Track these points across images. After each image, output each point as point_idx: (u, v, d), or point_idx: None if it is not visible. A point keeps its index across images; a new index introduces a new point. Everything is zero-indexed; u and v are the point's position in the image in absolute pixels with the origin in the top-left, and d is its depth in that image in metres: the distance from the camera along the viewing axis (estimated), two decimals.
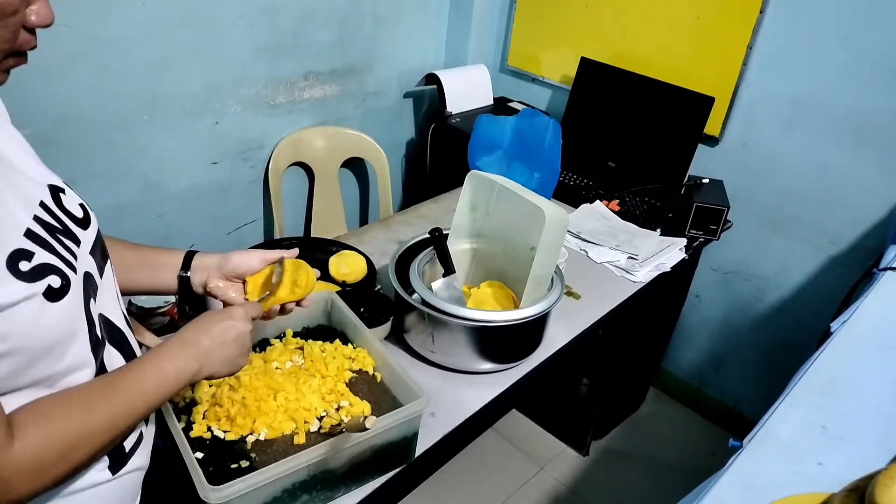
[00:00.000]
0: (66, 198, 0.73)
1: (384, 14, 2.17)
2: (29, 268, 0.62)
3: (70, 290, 0.66)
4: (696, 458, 2.19)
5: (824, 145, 1.82)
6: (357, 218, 2.51)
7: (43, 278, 0.63)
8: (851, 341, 1.12)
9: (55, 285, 0.64)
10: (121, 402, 0.69)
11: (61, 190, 0.73)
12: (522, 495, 2.02)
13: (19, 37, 0.61)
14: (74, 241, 0.70)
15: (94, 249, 0.75)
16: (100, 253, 0.77)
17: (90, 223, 0.76)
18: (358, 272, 1.41)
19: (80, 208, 0.75)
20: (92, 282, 0.73)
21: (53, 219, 0.69)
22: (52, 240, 0.66)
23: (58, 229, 0.69)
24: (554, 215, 1.20)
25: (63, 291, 0.65)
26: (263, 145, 2.05)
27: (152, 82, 1.71)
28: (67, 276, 0.66)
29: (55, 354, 0.65)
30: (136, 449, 0.77)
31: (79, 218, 0.74)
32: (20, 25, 0.60)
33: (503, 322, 1.18)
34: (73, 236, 0.71)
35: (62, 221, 0.70)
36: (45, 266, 0.64)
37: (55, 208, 0.70)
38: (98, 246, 0.76)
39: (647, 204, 1.91)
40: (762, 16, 1.81)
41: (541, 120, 1.87)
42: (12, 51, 0.61)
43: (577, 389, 2.06)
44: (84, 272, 0.70)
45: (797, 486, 0.80)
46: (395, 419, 0.92)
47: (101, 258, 0.77)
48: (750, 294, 2.12)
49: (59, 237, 0.68)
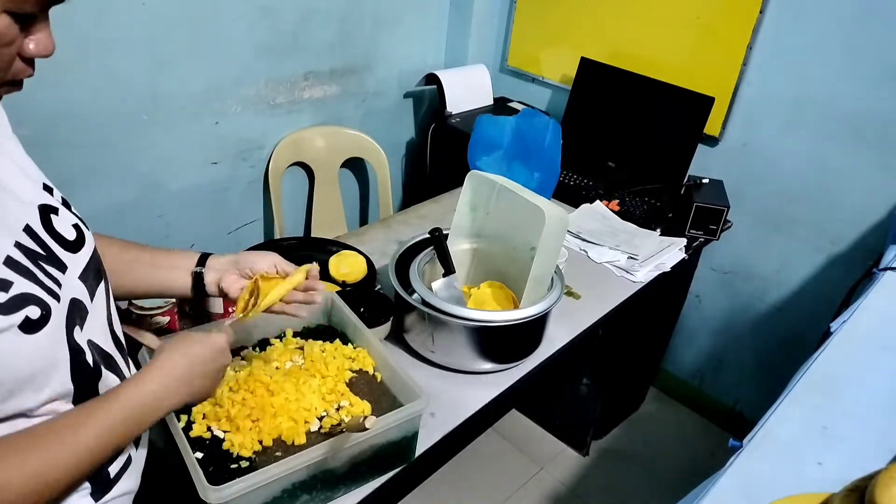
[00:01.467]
0: (57, 219, 0.70)
1: (384, 14, 2.17)
2: (6, 298, 0.59)
3: (50, 320, 0.63)
4: (696, 458, 2.19)
5: (824, 145, 1.82)
6: (357, 218, 2.51)
7: (20, 309, 0.60)
8: (851, 341, 1.12)
9: (33, 316, 0.61)
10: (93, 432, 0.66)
11: (54, 210, 0.70)
12: (522, 495, 2.02)
13: (13, 66, 0.59)
14: (59, 267, 0.67)
15: (87, 272, 0.72)
16: (93, 275, 0.74)
17: (83, 245, 0.73)
18: (358, 272, 1.41)
19: (72, 230, 0.72)
20: (80, 308, 0.70)
21: (38, 244, 0.66)
22: (34, 267, 0.63)
23: (41, 256, 0.65)
24: (554, 215, 1.20)
25: (42, 322, 0.62)
26: (263, 145, 2.05)
27: (152, 82, 1.71)
28: (48, 305, 0.63)
29: (34, 386, 0.63)
30: (123, 474, 0.76)
31: (69, 241, 0.70)
32: (15, 55, 0.58)
33: (503, 322, 1.18)
34: (58, 262, 0.67)
35: (47, 247, 0.67)
36: (24, 296, 0.61)
37: (42, 232, 0.67)
38: (92, 267, 0.74)
39: (647, 204, 1.91)
40: (762, 16, 1.81)
41: (541, 120, 1.87)
42: (5, 80, 0.59)
43: (577, 389, 2.06)
44: (70, 299, 0.68)
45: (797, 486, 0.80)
46: (395, 419, 0.92)
47: (93, 280, 0.74)
48: (750, 294, 2.12)
49: (41, 264, 0.65)
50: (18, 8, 0.55)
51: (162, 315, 1.13)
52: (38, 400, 0.64)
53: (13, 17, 0.56)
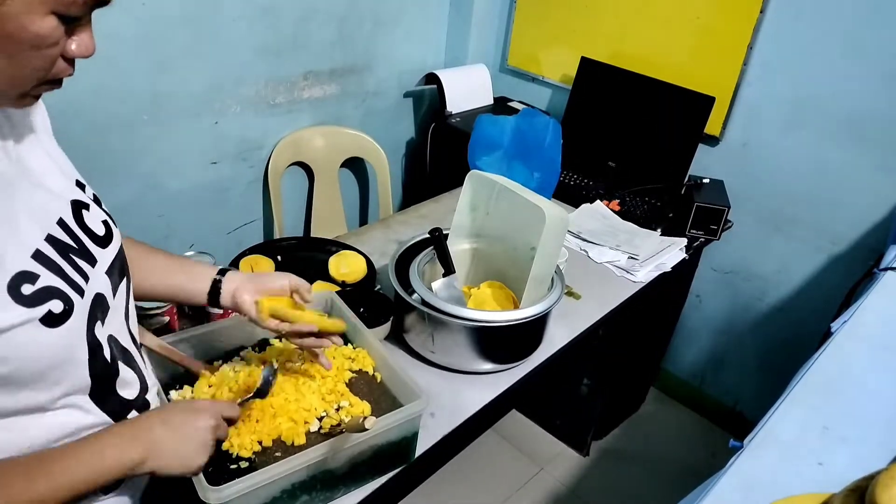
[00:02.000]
0: (88, 215, 0.72)
1: (384, 14, 2.17)
2: (31, 291, 0.61)
3: (72, 315, 0.64)
4: (696, 458, 2.19)
5: (825, 145, 1.82)
6: (357, 218, 2.51)
7: (44, 303, 0.61)
8: (852, 341, 1.12)
9: (56, 310, 0.62)
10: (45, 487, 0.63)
11: (85, 206, 0.72)
12: (522, 495, 2.02)
13: (56, 66, 0.60)
14: (90, 260, 0.69)
15: (112, 268, 0.74)
16: (118, 272, 0.75)
17: (111, 241, 0.74)
18: (358, 272, 1.41)
19: (102, 226, 0.74)
20: (102, 304, 0.71)
21: (71, 237, 0.68)
22: (62, 261, 0.65)
23: (73, 248, 0.68)
24: (554, 215, 1.20)
25: (64, 317, 0.63)
26: (263, 145, 2.05)
27: (152, 82, 1.71)
28: (72, 300, 0.65)
29: (50, 381, 0.64)
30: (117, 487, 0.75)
31: (99, 236, 0.72)
32: (58, 56, 0.59)
33: (503, 322, 1.18)
34: (89, 256, 0.70)
35: (80, 240, 0.69)
36: (49, 289, 0.62)
37: (74, 226, 0.69)
38: (117, 264, 0.75)
39: (648, 204, 1.91)
40: (762, 16, 1.81)
41: (541, 120, 1.87)
42: (46, 79, 0.60)
43: (577, 389, 2.06)
44: (95, 294, 0.69)
45: (797, 486, 0.80)
46: (395, 419, 0.92)
47: (118, 276, 0.75)
48: (750, 294, 2.11)
49: (72, 258, 0.67)
50: (65, 10, 0.57)
51: (162, 315, 1.13)
52: (52, 395, 0.65)
53: (59, 18, 0.57)
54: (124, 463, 0.68)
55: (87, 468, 0.66)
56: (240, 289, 0.94)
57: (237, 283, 0.94)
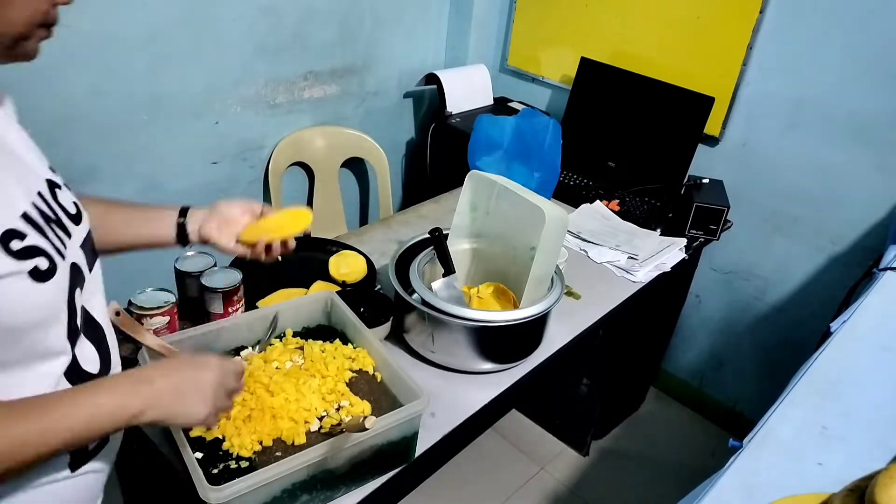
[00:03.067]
0: (61, 193, 0.76)
1: (384, 14, 2.17)
2: (20, 247, 0.64)
3: (56, 273, 0.68)
4: (696, 458, 2.19)
5: (824, 145, 1.82)
6: (357, 218, 2.51)
7: (31, 258, 0.65)
8: (851, 341, 1.12)
9: (42, 267, 0.66)
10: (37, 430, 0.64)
11: (58, 186, 0.76)
12: (522, 495, 2.02)
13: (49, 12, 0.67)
14: (66, 232, 0.74)
15: (85, 245, 0.78)
16: (90, 250, 0.79)
17: (82, 220, 0.78)
18: (358, 272, 1.41)
19: (73, 205, 0.78)
20: (79, 274, 0.75)
21: (49, 209, 0.72)
22: (45, 226, 0.69)
23: (52, 219, 0.72)
24: (554, 215, 1.20)
25: (49, 274, 0.67)
26: (263, 145, 2.05)
27: (152, 82, 1.71)
28: (55, 260, 0.68)
29: (34, 336, 0.67)
30: (99, 451, 0.78)
31: (72, 214, 0.76)
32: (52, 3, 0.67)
33: (503, 322, 1.18)
34: (65, 228, 0.74)
35: (56, 213, 0.73)
36: (35, 248, 0.66)
37: (51, 201, 0.73)
38: (88, 243, 0.79)
39: (647, 204, 1.91)
40: (762, 16, 1.81)
41: (541, 120, 1.87)
42: (44, 22, 0.67)
43: (577, 389, 2.06)
44: (72, 262, 0.73)
45: (797, 486, 0.80)
46: (395, 419, 0.92)
47: (90, 255, 0.79)
48: (750, 294, 2.11)
49: (52, 226, 0.71)
50: None
51: (162, 315, 1.13)
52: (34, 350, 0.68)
53: None
54: (120, 411, 0.69)
55: (86, 415, 0.67)
56: (204, 225, 0.98)
57: (200, 219, 0.98)
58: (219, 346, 1.07)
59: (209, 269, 1.22)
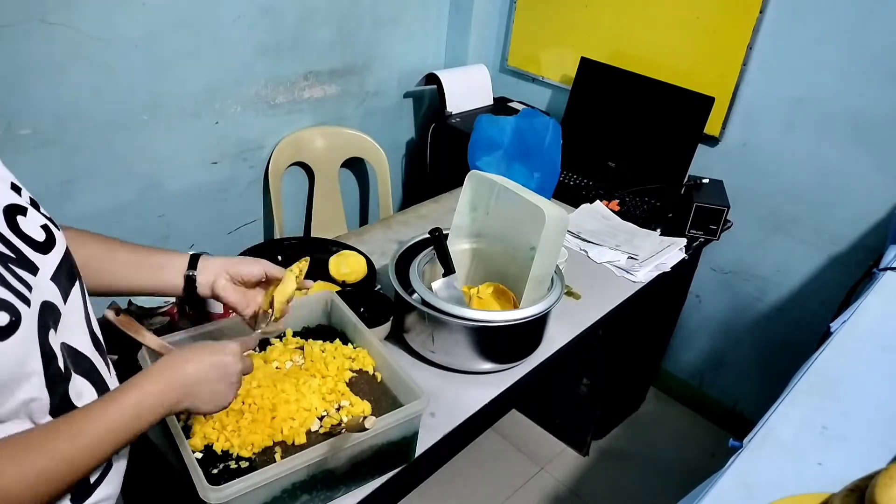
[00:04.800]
0: (24, 220, 0.68)
1: (384, 14, 2.17)
2: None
3: (20, 326, 0.61)
4: (696, 458, 2.19)
5: (824, 145, 1.82)
6: (357, 218, 2.51)
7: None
8: (851, 341, 1.12)
9: (2, 322, 0.59)
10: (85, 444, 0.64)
11: (21, 211, 0.68)
12: (522, 495, 2.02)
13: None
14: (30, 269, 0.66)
15: (58, 274, 0.70)
16: (65, 276, 0.72)
17: (53, 246, 0.71)
18: (358, 272, 1.41)
19: (41, 231, 0.70)
20: (52, 311, 0.68)
21: (7, 246, 0.64)
22: (3, 271, 0.62)
23: (10, 258, 0.64)
24: (554, 215, 1.20)
25: (10, 330, 0.60)
26: (263, 145, 2.05)
27: (152, 82, 1.71)
28: (18, 311, 0.61)
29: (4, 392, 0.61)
30: (103, 480, 0.74)
31: (39, 242, 0.69)
32: None
33: (503, 322, 1.18)
34: (28, 264, 0.66)
35: (17, 249, 0.65)
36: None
37: (10, 234, 0.65)
38: (64, 269, 0.71)
39: (647, 204, 1.91)
40: (762, 16, 1.81)
41: (541, 120, 1.87)
42: None
43: (577, 389, 2.06)
44: (42, 302, 0.66)
45: (797, 486, 0.80)
46: (395, 419, 0.92)
47: (66, 282, 0.72)
48: (750, 294, 2.11)
49: (11, 267, 0.63)
50: None
51: (162, 315, 1.13)
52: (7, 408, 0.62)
53: None
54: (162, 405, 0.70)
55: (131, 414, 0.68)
56: (217, 281, 0.93)
57: (213, 274, 0.93)
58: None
59: None
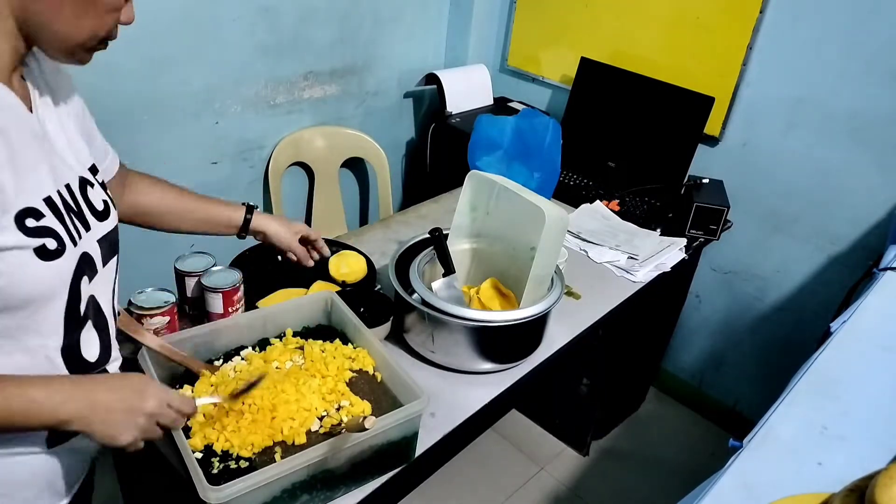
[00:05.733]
0: (92, 191, 0.81)
1: (384, 14, 2.17)
2: (34, 225, 0.69)
3: (62, 256, 0.72)
4: (696, 458, 2.19)
5: (824, 145, 1.82)
6: (357, 218, 2.51)
7: (41, 237, 0.70)
8: (851, 341, 1.12)
9: (50, 247, 0.71)
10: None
11: (90, 184, 0.82)
12: (522, 495, 2.02)
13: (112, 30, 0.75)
14: (84, 225, 0.78)
15: (104, 240, 0.82)
16: (108, 244, 0.83)
17: (108, 217, 0.83)
18: (358, 272, 1.41)
19: (102, 203, 0.83)
20: (90, 264, 0.79)
21: (73, 200, 0.77)
22: (65, 213, 0.74)
23: (73, 210, 0.76)
24: (554, 215, 1.20)
25: (55, 255, 0.71)
26: (263, 145, 2.05)
27: (152, 82, 1.71)
28: (65, 244, 0.73)
29: (28, 310, 0.71)
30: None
31: (98, 210, 0.81)
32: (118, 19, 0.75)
33: (503, 322, 1.18)
34: (84, 221, 0.78)
35: (80, 206, 0.78)
36: (48, 229, 0.71)
37: (78, 195, 0.79)
38: (110, 238, 0.83)
39: (647, 204, 1.91)
40: (762, 16, 1.81)
41: (541, 120, 1.87)
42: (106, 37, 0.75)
43: (577, 389, 2.06)
44: (83, 252, 0.77)
45: (797, 486, 0.80)
46: (395, 419, 0.92)
47: (107, 251, 0.83)
48: (750, 294, 2.12)
49: (71, 216, 0.76)
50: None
51: (162, 315, 1.13)
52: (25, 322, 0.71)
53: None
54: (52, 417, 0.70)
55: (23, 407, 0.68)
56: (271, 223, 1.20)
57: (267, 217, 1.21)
58: (219, 346, 1.08)
59: (209, 268, 1.22)
